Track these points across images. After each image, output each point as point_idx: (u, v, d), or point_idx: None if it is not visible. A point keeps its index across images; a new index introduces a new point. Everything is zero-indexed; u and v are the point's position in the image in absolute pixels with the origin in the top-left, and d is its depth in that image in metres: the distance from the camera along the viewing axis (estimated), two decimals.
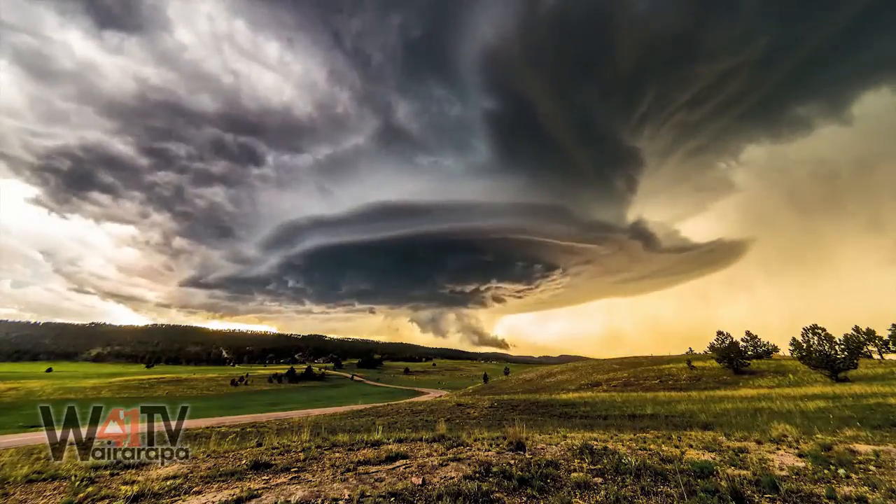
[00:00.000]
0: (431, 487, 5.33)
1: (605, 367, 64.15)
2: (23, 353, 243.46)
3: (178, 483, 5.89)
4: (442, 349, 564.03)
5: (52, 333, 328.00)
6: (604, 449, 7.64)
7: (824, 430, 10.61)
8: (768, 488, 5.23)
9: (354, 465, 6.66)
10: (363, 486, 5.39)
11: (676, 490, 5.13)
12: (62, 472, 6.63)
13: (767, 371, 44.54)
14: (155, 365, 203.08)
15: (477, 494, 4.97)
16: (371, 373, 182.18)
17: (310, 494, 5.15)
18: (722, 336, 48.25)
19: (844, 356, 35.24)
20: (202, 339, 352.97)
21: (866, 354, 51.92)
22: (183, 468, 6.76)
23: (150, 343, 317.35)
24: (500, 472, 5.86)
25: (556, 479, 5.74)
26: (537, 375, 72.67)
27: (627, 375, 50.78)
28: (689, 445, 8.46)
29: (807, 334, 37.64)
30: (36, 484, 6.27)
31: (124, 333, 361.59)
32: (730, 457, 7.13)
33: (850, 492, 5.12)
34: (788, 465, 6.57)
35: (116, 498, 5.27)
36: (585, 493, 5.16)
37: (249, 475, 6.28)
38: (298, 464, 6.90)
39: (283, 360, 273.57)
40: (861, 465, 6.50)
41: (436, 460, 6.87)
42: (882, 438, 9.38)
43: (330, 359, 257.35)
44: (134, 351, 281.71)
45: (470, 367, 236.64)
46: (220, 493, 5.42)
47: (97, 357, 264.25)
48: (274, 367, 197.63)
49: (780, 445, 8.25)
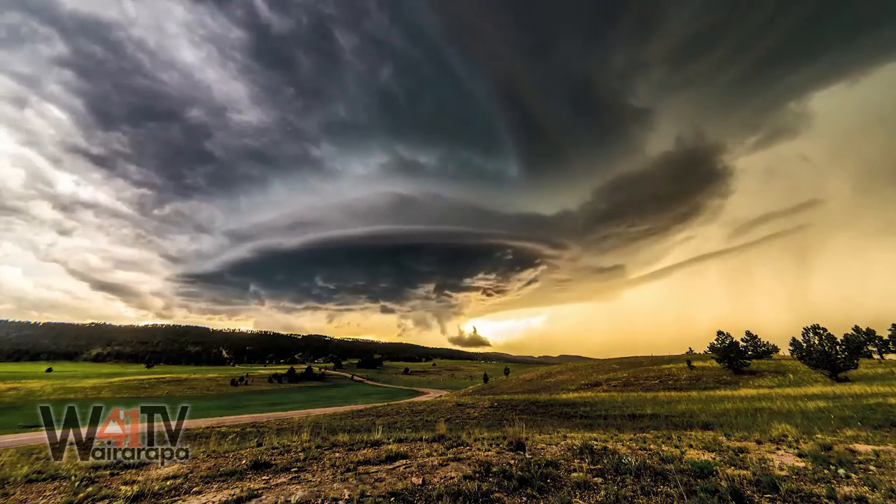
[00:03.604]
0: (431, 487, 5.33)
1: (604, 367, 64.15)
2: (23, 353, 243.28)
3: (178, 483, 5.89)
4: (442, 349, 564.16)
5: (52, 333, 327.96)
6: (604, 449, 7.64)
7: (824, 430, 10.61)
8: (768, 488, 5.23)
9: (354, 465, 6.66)
10: (363, 486, 5.39)
11: (676, 490, 5.13)
12: (62, 472, 6.62)
13: (767, 371, 44.53)
14: (155, 365, 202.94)
15: (477, 494, 4.97)
16: (371, 373, 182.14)
17: (310, 494, 5.15)
18: (722, 336, 48.22)
19: (845, 356, 35.23)
20: (202, 339, 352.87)
21: (866, 354, 51.93)
22: (183, 468, 6.75)
23: (150, 343, 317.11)
24: (500, 472, 5.86)
25: (556, 479, 5.74)
26: (537, 375, 72.69)
27: (627, 375, 50.77)
28: (689, 445, 8.46)
29: (807, 334, 37.63)
30: (36, 484, 6.27)
31: (124, 333, 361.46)
32: (730, 457, 7.13)
33: (850, 492, 5.12)
34: (788, 465, 6.57)
35: (116, 498, 5.27)
36: (585, 493, 5.16)
37: (249, 475, 6.28)
38: (298, 464, 6.90)
39: (283, 360, 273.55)
40: (861, 465, 6.50)
41: (436, 460, 6.87)
42: (882, 438, 9.38)
43: (330, 359, 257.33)
44: (134, 351, 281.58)
45: (470, 367, 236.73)
46: (221, 493, 5.42)
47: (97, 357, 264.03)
48: (274, 367, 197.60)
49: (780, 445, 8.25)
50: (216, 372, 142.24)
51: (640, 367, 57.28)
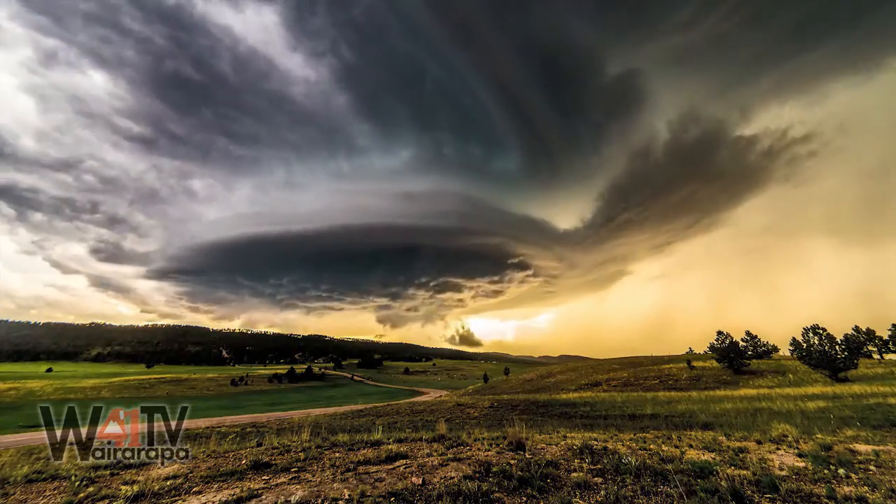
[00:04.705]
0: (431, 487, 5.32)
1: (604, 367, 64.15)
2: (23, 353, 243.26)
3: (178, 483, 5.88)
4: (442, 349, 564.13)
5: (52, 333, 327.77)
6: (604, 449, 7.64)
7: (824, 430, 10.61)
8: (768, 488, 5.23)
9: (354, 465, 6.65)
10: (363, 486, 5.39)
11: (676, 490, 5.12)
12: (62, 472, 6.62)
13: (767, 371, 44.53)
14: (155, 365, 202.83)
15: (477, 494, 4.96)
16: (371, 373, 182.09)
17: (310, 494, 5.15)
18: (722, 336, 48.23)
19: (844, 356, 35.23)
20: (202, 339, 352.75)
21: (866, 354, 51.90)
22: (183, 468, 6.75)
23: (150, 343, 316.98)
24: (500, 472, 5.86)
25: (556, 479, 5.73)
26: (537, 375, 72.67)
27: (627, 375, 50.76)
28: (689, 445, 8.45)
29: (807, 334, 37.63)
30: (36, 484, 6.27)
31: (124, 333, 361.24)
32: (730, 457, 7.12)
33: (850, 492, 5.12)
34: (788, 465, 6.57)
35: (116, 498, 5.26)
36: (585, 493, 5.15)
37: (249, 475, 6.27)
38: (298, 464, 6.89)
39: (284, 360, 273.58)
40: (861, 465, 6.49)
41: (436, 460, 6.87)
42: (882, 438, 9.38)
43: (330, 359, 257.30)
44: (134, 351, 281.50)
45: (470, 367, 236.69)
46: (221, 493, 5.42)
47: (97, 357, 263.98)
48: (274, 367, 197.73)
49: (780, 445, 8.25)
50: (216, 372, 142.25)
51: (640, 367, 57.28)
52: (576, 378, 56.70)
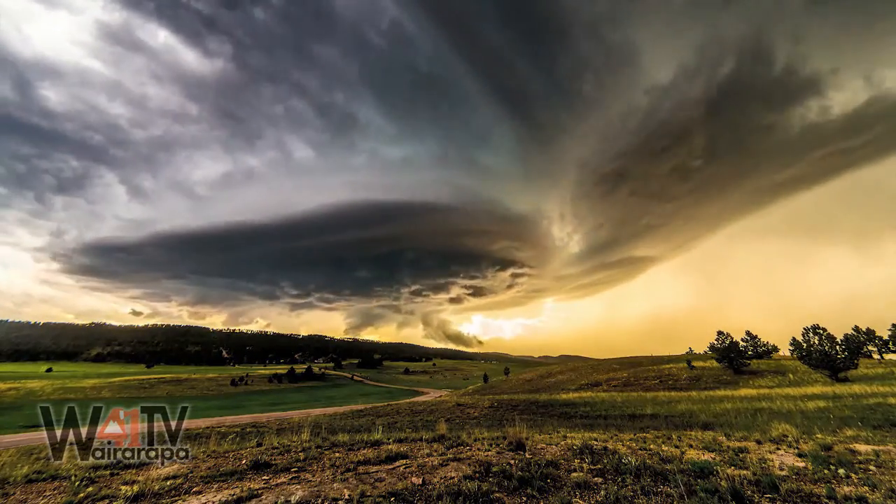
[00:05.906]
0: (431, 487, 5.32)
1: (604, 367, 64.17)
2: (23, 353, 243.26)
3: (178, 483, 5.88)
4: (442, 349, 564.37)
5: (52, 333, 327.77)
6: (604, 449, 7.64)
7: (824, 430, 10.61)
8: (768, 488, 5.23)
9: (354, 465, 6.66)
10: (363, 486, 5.39)
11: (676, 490, 5.12)
12: (62, 472, 6.62)
13: (767, 371, 44.53)
14: (155, 365, 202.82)
15: (477, 494, 4.96)
16: (371, 373, 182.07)
17: (310, 494, 5.15)
18: (722, 336, 48.22)
19: (845, 356, 35.22)
20: (202, 339, 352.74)
21: (866, 354, 51.91)
22: (183, 468, 6.75)
23: (150, 343, 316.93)
24: (500, 472, 5.86)
25: (556, 479, 5.73)
26: (537, 375, 72.69)
27: (627, 375, 50.76)
28: (689, 445, 8.46)
29: (807, 334, 37.62)
30: (36, 484, 6.27)
31: (124, 333, 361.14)
32: (730, 457, 7.12)
33: (850, 492, 5.12)
34: (788, 465, 6.57)
35: (116, 498, 5.26)
36: (585, 493, 5.15)
37: (249, 475, 6.28)
38: (298, 464, 6.90)
39: (284, 360, 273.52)
40: (861, 465, 6.49)
41: (436, 460, 6.87)
42: (882, 438, 9.38)
43: (330, 359, 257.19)
44: (134, 351, 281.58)
45: (470, 367, 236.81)
46: (221, 493, 5.42)
47: (97, 357, 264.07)
48: (274, 367, 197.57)
49: (780, 445, 8.25)
50: (216, 372, 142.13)
51: (640, 367, 57.28)
52: (576, 378, 56.71)
